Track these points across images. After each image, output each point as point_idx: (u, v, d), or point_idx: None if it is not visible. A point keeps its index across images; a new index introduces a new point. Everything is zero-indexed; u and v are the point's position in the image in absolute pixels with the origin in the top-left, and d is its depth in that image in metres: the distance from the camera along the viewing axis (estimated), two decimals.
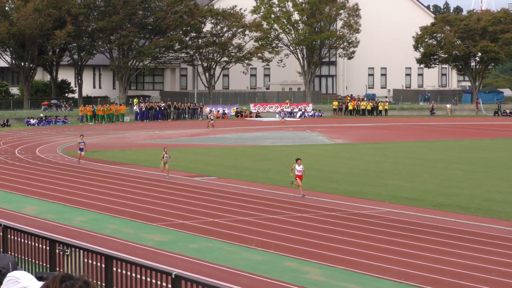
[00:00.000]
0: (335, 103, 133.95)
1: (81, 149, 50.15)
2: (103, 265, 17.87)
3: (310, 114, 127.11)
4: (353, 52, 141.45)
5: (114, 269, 17.35)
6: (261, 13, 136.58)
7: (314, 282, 26.52)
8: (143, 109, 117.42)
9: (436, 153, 69.42)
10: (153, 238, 33.17)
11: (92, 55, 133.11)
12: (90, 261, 19.30)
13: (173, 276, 13.78)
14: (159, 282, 14.53)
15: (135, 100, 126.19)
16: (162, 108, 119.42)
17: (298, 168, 40.68)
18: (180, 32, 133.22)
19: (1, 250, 21.97)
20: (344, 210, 40.18)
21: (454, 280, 26.69)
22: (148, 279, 14.75)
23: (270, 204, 41.89)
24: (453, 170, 56.78)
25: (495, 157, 66.71)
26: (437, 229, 35.56)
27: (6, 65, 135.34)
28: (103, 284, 17.41)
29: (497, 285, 26.17)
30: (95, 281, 9.74)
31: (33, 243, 21.61)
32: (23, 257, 21.73)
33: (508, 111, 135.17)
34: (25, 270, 8.93)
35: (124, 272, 15.41)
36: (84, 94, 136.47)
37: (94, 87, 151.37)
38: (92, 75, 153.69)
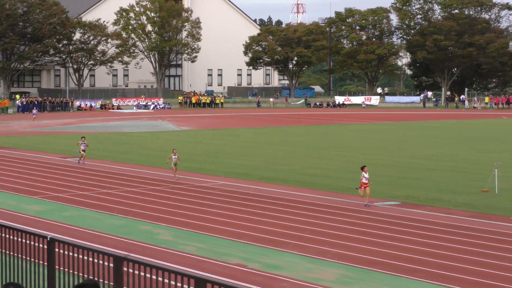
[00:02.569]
0: (181, 97, 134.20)
1: (83, 150, 46.77)
2: None
3: (161, 106, 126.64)
4: (196, 56, 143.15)
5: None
6: (121, 25, 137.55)
7: (164, 241, 26.44)
8: (24, 103, 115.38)
9: (262, 137, 70.02)
10: (32, 209, 32.56)
11: None
12: None
13: (48, 239, 13.47)
14: (37, 244, 14.19)
15: (17, 95, 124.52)
16: (40, 102, 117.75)
17: (366, 175, 33.22)
18: (54, 40, 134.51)
19: None
20: (189, 184, 40.15)
21: (277, 237, 26.96)
22: (27, 242, 14.39)
23: (129, 179, 41.62)
24: (276, 151, 57.30)
25: (308, 140, 67.59)
26: (263, 197, 35.83)
27: None
28: None
29: (297, 238, 26.50)
30: None
31: None
32: None
33: (318, 103, 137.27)
34: None
35: (7, 236, 14.99)
36: None
37: None
38: None
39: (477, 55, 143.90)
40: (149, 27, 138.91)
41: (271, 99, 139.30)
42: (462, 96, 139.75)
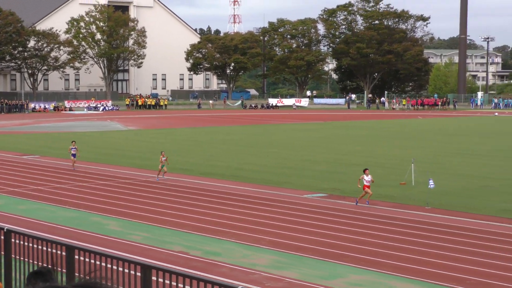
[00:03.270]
0: (128, 100, 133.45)
1: (73, 155, 43.75)
2: None
3: (110, 108, 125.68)
4: (141, 62, 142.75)
5: None
6: (72, 33, 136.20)
7: (112, 231, 26.29)
8: None
9: (202, 136, 69.84)
10: None
11: None
12: None
13: (5, 230, 13.25)
14: None
15: None
16: None
17: (367, 178, 31.99)
18: (10, 47, 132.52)
19: None
20: (135, 179, 39.92)
21: (216, 227, 26.97)
22: None
23: (80, 175, 41.30)
24: (215, 148, 57.25)
25: (244, 138, 67.65)
26: (203, 191, 35.78)
27: None
28: None
29: (234, 228, 26.54)
30: None
31: None
32: None
33: (253, 105, 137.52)
34: None
35: None
36: None
37: None
38: None
39: (395, 62, 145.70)
40: (98, 36, 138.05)
41: (210, 101, 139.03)
42: (382, 98, 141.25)
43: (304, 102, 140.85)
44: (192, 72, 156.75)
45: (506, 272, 21.33)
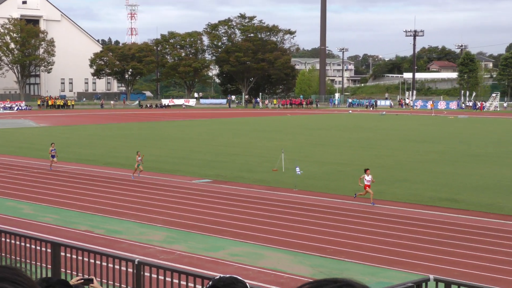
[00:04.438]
0: (39, 101, 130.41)
1: (52, 156, 39.87)
2: None
3: (23, 108, 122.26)
4: (51, 68, 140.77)
5: None
6: None
7: (26, 214, 25.64)
8: None
9: (105, 131, 68.84)
10: None
11: None
12: None
13: None
14: None
15: None
16: None
17: (368, 178, 28.58)
18: None
19: None
20: (47, 169, 39.01)
21: (117, 209, 26.68)
22: None
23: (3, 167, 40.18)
24: (116, 142, 56.47)
25: (141, 133, 66.98)
26: (105, 178, 35.32)
27: None
28: None
29: (132, 209, 26.35)
30: None
31: None
32: None
33: (149, 105, 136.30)
34: None
35: None
36: None
37: None
38: None
39: (268, 68, 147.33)
40: (12, 45, 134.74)
41: (112, 102, 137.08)
42: (257, 99, 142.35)
43: (192, 102, 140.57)
44: (95, 77, 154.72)
45: (354, 240, 21.91)
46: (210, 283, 3.35)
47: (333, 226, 24.02)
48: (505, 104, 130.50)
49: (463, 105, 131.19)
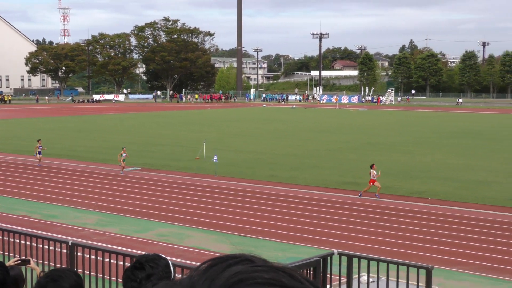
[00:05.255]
0: None
1: (39, 153, 36.35)
2: None
3: None
4: None
5: None
6: None
7: None
8: None
9: (41, 124, 67.07)
10: None
11: None
12: None
13: None
14: None
15: None
16: None
17: (374, 172, 26.15)
18: None
19: None
20: None
21: (53, 195, 26.14)
22: None
23: None
24: (53, 134, 55.05)
25: (75, 126, 65.66)
26: (42, 167, 34.52)
27: None
28: None
29: (67, 195, 25.90)
30: None
31: None
32: None
33: (81, 100, 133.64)
34: None
35: None
36: None
37: None
38: None
39: (190, 66, 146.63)
40: None
41: (46, 97, 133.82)
42: (181, 94, 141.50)
43: (121, 97, 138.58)
44: (31, 74, 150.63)
45: (269, 220, 22.11)
46: (135, 259, 3.43)
47: (250, 208, 24.18)
48: (399, 98, 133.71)
49: (363, 99, 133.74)
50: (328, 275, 9.51)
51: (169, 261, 3.43)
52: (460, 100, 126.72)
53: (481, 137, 53.30)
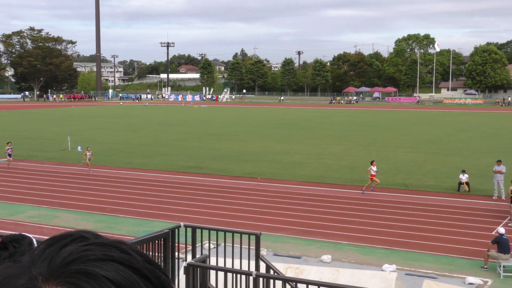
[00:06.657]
0: None
1: (9, 155, 29.50)
2: None
3: None
4: None
5: None
6: None
7: None
8: None
9: None
10: None
11: None
12: None
13: None
14: None
15: None
16: None
17: (374, 169, 23.85)
18: None
19: None
20: None
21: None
22: None
23: None
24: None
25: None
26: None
27: None
28: None
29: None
30: None
31: None
32: None
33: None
34: None
35: None
36: None
37: None
38: None
39: (55, 70, 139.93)
40: None
41: None
42: (47, 94, 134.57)
43: None
44: None
45: (127, 200, 21.72)
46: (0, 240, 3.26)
47: (110, 191, 23.62)
48: (233, 97, 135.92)
49: (204, 97, 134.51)
50: (176, 244, 9.56)
51: (33, 239, 3.32)
52: (282, 97, 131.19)
53: (297, 127, 55.53)
